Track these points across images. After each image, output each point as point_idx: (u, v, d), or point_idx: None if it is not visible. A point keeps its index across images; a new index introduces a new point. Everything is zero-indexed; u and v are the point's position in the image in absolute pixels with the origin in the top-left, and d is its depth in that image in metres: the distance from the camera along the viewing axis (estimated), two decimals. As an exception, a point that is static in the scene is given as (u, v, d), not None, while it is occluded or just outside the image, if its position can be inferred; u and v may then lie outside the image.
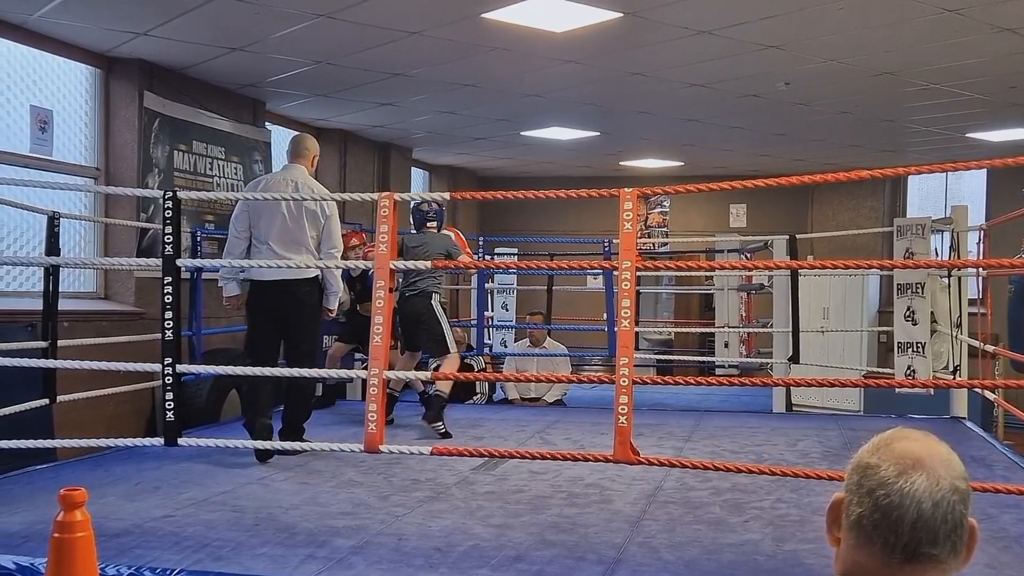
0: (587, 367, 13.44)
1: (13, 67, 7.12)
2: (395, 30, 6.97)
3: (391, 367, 6.59)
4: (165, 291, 4.51)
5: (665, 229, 15.62)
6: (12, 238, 7.10)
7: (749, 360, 11.28)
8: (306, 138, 6.31)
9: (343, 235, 7.55)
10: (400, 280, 6.78)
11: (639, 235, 5.95)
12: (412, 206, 7.03)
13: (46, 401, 5.75)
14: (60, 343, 5.84)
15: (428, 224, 6.94)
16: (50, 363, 5.41)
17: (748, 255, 11.13)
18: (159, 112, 8.10)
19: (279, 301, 5.83)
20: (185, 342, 7.02)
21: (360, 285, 7.63)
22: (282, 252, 5.73)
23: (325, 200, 5.83)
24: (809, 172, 9.65)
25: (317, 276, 5.87)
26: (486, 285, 9.96)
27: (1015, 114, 9.74)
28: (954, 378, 6.92)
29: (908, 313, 6.91)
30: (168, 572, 3.60)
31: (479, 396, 9.76)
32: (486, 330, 10.10)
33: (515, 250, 12.25)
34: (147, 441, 4.84)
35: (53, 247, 5.80)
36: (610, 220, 5.73)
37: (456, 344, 10.39)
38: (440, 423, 6.56)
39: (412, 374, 6.06)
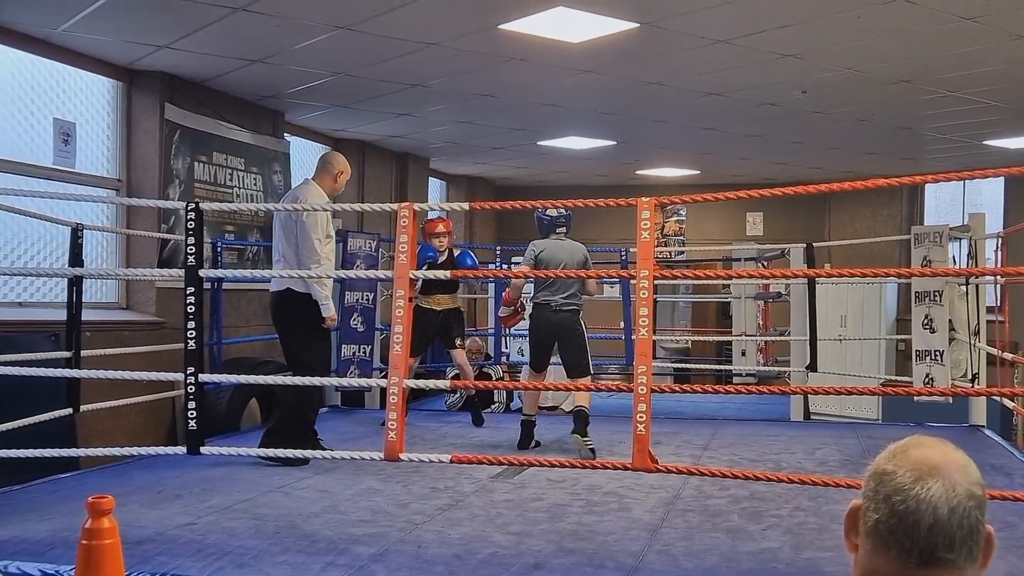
0: (604, 375, 13.43)
1: (37, 80, 7.20)
2: (413, 42, 7.02)
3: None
4: (188, 301, 4.56)
5: (682, 238, 15.61)
6: (36, 249, 7.17)
7: (766, 368, 11.26)
8: (333, 155, 6.39)
9: (429, 221, 7.56)
10: (533, 289, 6.65)
11: (656, 244, 5.93)
12: (537, 213, 6.65)
13: (70, 410, 5.81)
14: (83, 353, 5.90)
15: (558, 230, 6.64)
16: (74, 373, 5.47)
17: (765, 263, 11.11)
18: (180, 124, 8.17)
19: (272, 312, 6.10)
20: (206, 351, 7.08)
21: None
22: (275, 265, 6.07)
23: (303, 208, 5.67)
24: (826, 180, 9.65)
25: (291, 288, 5.88)
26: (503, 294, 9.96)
27: (1033, 121, 9.72)
28: (972, 386, 6.90)
29: (926, 321, 6.91)
30: (191, 579, 3.63)
31: (497, 405, 9.77)
32: (503, 339, 10.11)
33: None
34: (170, 450, 4.89)
35: (77, 258, 5.87)
36: (627, 229, 5.76)
37: (475, 353, 10.47)
38: (588, 438, 6.29)
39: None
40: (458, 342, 7.56)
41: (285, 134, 9.94)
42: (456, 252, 7.56)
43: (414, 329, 7.19)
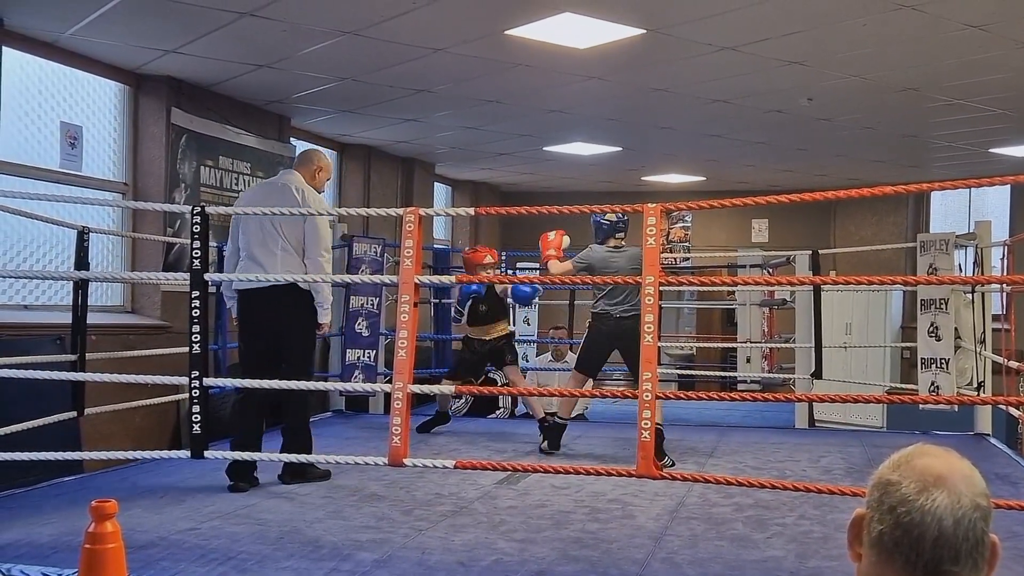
0: (609, 382, 13.42)
1: (44, 84, 7.22)
2: (419, 47, 7.03)
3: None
4: (193, 305, 4.56)
5: (687, 244, 15.61)
6: (42, 252, 7.19)
7: (771, 375, 11.24)
8: (313, 151, 6.02)
9: (475, 250, 7.36)
10: (598, 295, 6.42)
11: (661, 250, 5.92)
12: (595, 218, 6.46)
13: (74, 413, 5.82)
14: (88, 356, 5.91)
15: (617, 235, 6.48)
16: (79, 376, 5.47)
17: (770, 270, 11.10)
18: (186, 128, 8.19)
19: (265, 311, 5.45)
20: (211, 355, 7.08)
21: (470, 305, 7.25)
22: (260, 259, 5.40)
23: (307, 202, 5.45)
24: (832, 187, 9.61)
25: (296, 284, 5.33)
26: (508, 300, 9.94)
27: (1040, 130, 9.70)
28: (978, 394, 6.89)
29: (932, 329, 6.89)
30: (195, 584, 3.63)
31: (501, 410, 9.77)
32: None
33: (537, 264, 12.25)
34: (173, 454, 4.89)
35: (82, 261, 5.87)
36: (633, 235, 5.76)
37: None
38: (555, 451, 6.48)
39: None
40: (508, 357, 7.32)
41: (291, 139, 9.95)
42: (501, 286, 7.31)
43: (460, 362, 7.21)
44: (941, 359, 6.85)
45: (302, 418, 5.63)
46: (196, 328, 4.54)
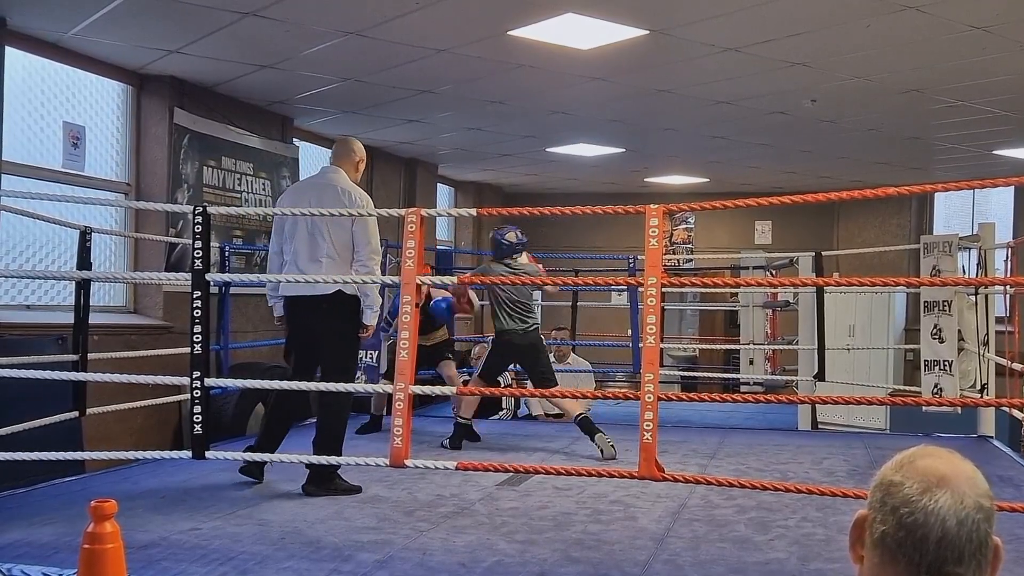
0: (611, 383, 13.42)
1: (47, 84, 7.23)
2: (423, 48, 7.02)
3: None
4: (194, 305, 4.54)
5: (690, 246, 15.60)
6: (44, 252, 7.19)
7: (774, 377, 11.22)
8: (351, 140, 5.81)
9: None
10: (507, 313, 6.79)
11: (664, 251, 5.91)
12: (496, 235, 6.97)
13: (76, 413, 5.81)
14: (90, 356, 5.91)
15: (515, 256, 6.91)
16: (81, 376, 5.47)
17: (773, 272, 11.09)
18: (189, 128, 8.19)
19: (306, 317, 5.42)
20: (213, 356, 7.08)
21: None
22: (303, 266, 5.32)
23: (355, 202, 5.32)
24: (835, 189, 9.58)
25: (342, 291, 5.27)
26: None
27: (1043, 132, 9.69)
28: (981, 397, 6.87)
29: (935, 331, 6.87)
30: (195, 584, 3.63)
31: (504, 412, 9.76)
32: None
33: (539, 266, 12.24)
34: (175, 454, 4.88)
35: (85, 261, 5.87)
36: (635, 236, 5.75)
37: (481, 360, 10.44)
38: (601, 433, 6.58)
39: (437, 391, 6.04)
40: (448, 355, 7.85)
41: (294, 139, 9.96)
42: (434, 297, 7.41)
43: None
44: (944, 361, 6.84)
45: (335, 430, 5.42)
46: (198, 329, 4.53)
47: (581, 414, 6.64)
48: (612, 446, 6.45)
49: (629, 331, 9.58)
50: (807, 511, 4.88)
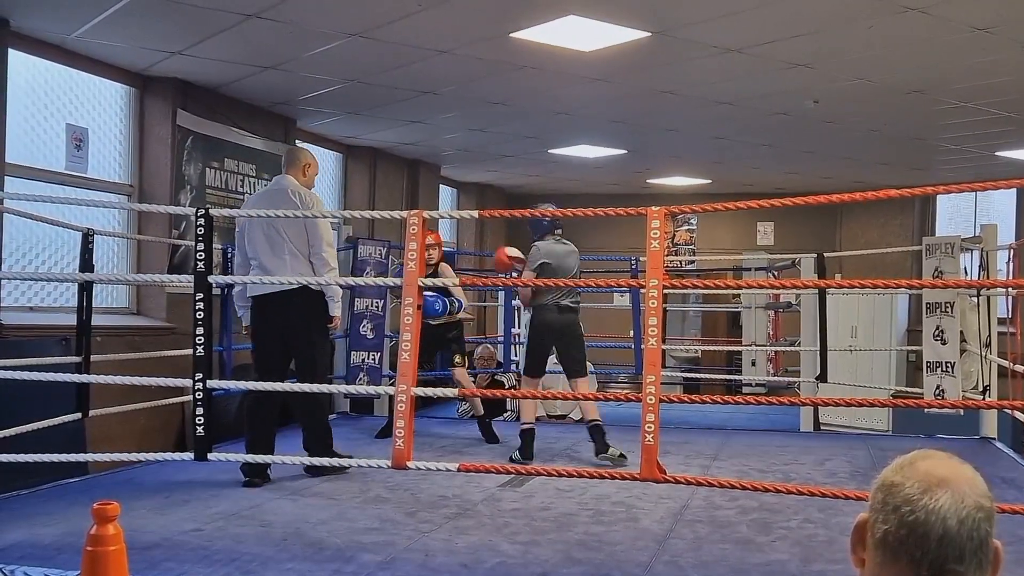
0: (613, 385, 13.41)
1: (50, 86, 7.24)
2: (425, 49, 7.03)
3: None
4: (197, 307, 4.56)
5: (692, 247, 15.60)
6: (47, 254, 7.20)
7: (776, 379, 11.22)
8: (298, 149, 6.33)
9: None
10: (532, 291, 6.46)
11: (666, 253, 5.91)
12: (534, 218, 6.58)
13: (79, 415, 5.82)
14: (93, 358, 5.92)
15: (556, 231, 6.61)
16: (84, 378, 5.48)
17: (775, 273, 11.09)
18: (192, 130, 8.20)
19: (278, 315, 5.69)
20: (215, 357, 7.08)
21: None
22: (268, 265, 5.66)
23: (304, 203, 5.67)
24: (837, 190, 9.63)
25: (307, 286, 5.56)
26: (513, 302, 9.96)
27: (1046, 133, 9.68)
28: (984, 398, 6.87)
29: (937, 332, 6.87)
30: (198, 585, 3.63)
31: (508, 413, 9.76)
32: (513, 347, 10.10)
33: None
34: (177, 456, 4.89)
35: (87, 263, 5.88)
36: (637, 238, 5.75)
37: (487, 361, 10.45)
38: (612, 447, 6.32)
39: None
40: (457, 359, 7.56)
41: (297, 141, 9.96)
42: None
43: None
44: (946, 363, 6.83)
45: (315, 412, 5.87)
46: (200, 330, 4.54)
47: (596, 420, 6.40)
48: (621, 456, 6.26)
49: (631, 332, 9.58)
50: (809, 512, 4.88)
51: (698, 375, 12.45)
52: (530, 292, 6.57)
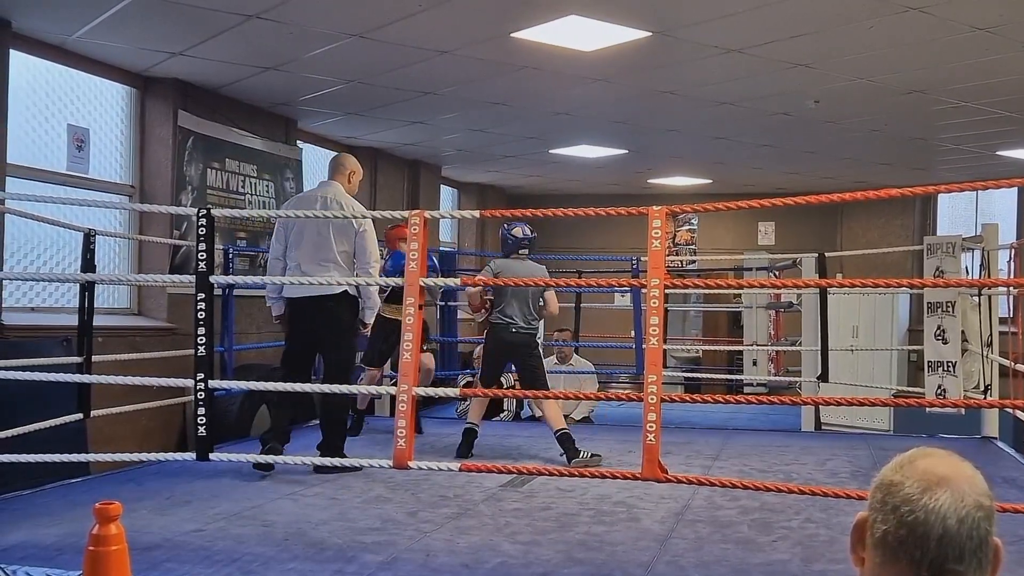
0: (614, 384, 13.41)
1: (51, 86, 7.25)
2: (426, 49, 7.03)
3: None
4: (198, 307, 4.56)
5: (693, 247, 15.60)
6: (49, 254, 7.21)
7: (778, 378, 11.22)
8: (344, 156, 6.43)
9: (398, 227, 7.25)
10: (492, 308, 6.55)
11: (667, 253, 5.91)
12: (503, 231, 6.71)
13: (80, 416, 5.82)
14: (94, 358, 5.92)
15: (520, 251, 6.59)
16: (85, 378, 5.48)
17: (777, 273, 11.09)
18: (193, 131, 8.21)
19: (311, 317, 5.90)
20: (217, 357, 7.08)
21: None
22: (308, 268, 5.82)
23: (357, 215, 5.84)
24: (838, 190, 9.61)
25: (347, 291, 5.84)
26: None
27: (1047, 132, 9.68)
28: (985, 398, 6.87)
29: (938, 332, 6.87)
30: (200, 585, 3.63)
31: (506, 413, 9.77)
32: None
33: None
34: (179, 456, 4.89)
35: (89, 264, 5.89)
36: (638, 238, 5.76)
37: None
38: (583, 451, 6.26)
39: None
40: (424, 347, 7.49)
41: (297, 141, 9.97)
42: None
43: (375, 339, 7.14)
44: (948, 362, 6.83)
45: (334, 412, 6.04)
46: (202, 330, 4.55)
47: (563, 429, 6.35)
48: (593, 456, 6.25)
49: (632, 332, 9.58)
50: (810, 512, 4.88)
51: (699, 375, 12.45)
52: (478, 299, 6.65)
